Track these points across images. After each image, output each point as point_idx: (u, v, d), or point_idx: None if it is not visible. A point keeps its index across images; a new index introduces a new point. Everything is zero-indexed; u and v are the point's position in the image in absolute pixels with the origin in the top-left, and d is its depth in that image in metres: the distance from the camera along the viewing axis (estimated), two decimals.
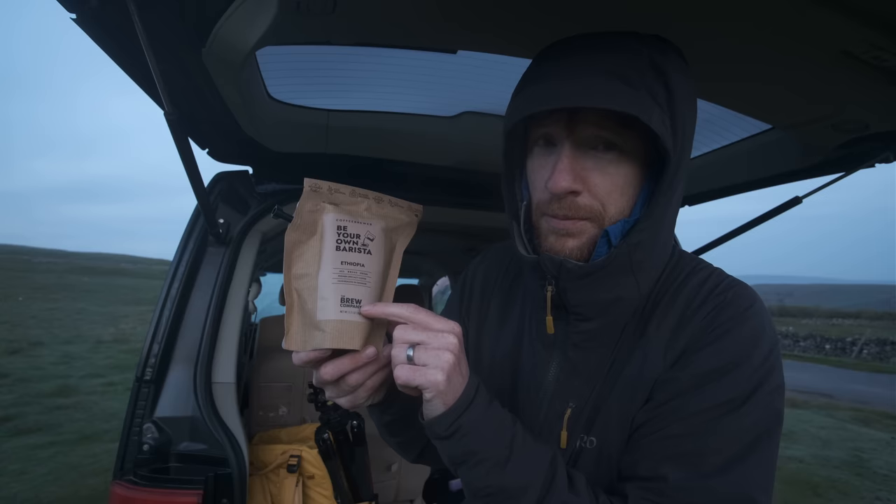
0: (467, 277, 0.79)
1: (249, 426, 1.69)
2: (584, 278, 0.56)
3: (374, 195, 0.58)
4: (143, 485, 1.02)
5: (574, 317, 0.61)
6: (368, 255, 0.55)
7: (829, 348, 17.47)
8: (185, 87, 0.89)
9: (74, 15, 0.64)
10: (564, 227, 0.56)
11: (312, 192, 0.55)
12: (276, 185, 1.35)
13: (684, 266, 0.62)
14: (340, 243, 0.54)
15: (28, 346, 8.51)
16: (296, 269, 0.54)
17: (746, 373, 0.53)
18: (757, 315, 0.56)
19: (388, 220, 0.58)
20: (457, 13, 0.68)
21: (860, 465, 4.71)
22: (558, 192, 0.54)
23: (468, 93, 1.08)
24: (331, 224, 0.54)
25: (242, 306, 1.25)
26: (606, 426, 0.59)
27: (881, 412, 7.04)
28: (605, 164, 0.55)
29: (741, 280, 0.60)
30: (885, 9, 0.55)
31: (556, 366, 0.64)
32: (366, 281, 0.54)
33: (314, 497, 1.47)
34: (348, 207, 0.56)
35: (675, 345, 0.57)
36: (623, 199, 0.56)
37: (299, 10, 0.66)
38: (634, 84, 0.50)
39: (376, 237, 0.56)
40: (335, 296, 0.52)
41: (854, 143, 0.96)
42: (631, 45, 0.54)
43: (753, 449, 0.51)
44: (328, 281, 0.52)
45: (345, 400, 0.54)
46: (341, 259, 0.53)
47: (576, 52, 0.55)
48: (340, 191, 0.56)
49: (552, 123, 0.56)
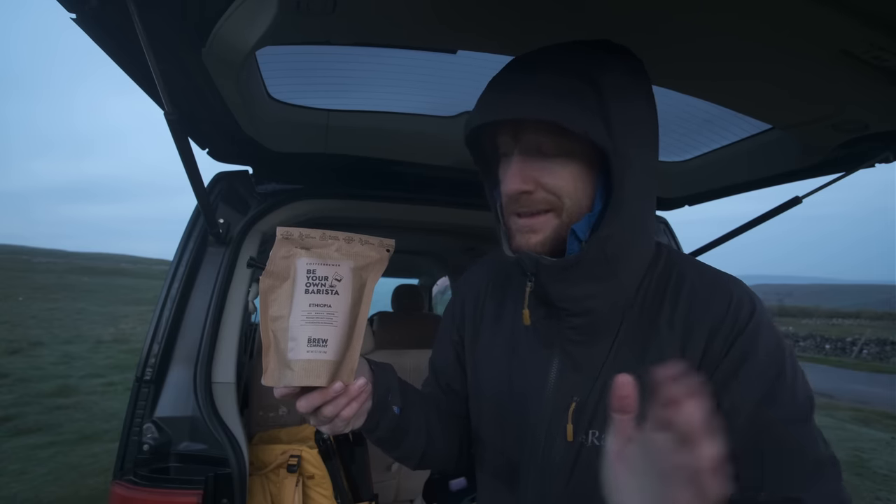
0: (459, 290, 0.83)
1: (249, 426, 1.69)
2: (560, 273, 0.60)
3: (344, 236, 0.61)
4: (143, 485, 1.02)
5: (563, 312, 0.64)
6: (336, 296, 0.59)
7: (828, 348, 17.49)
8: (185, 87, 0.89)
9: (74, 15, 0.64)
10: (527, 224, 0.62)
11: (284, 239, 0.59)
12: (276, 185, 1.35)
13: (675, 261, 0.66)
14: (309, 286, 0.58)
15: (28, 346, 8.51)
16: (271, 311, 0.58)
17: (790, 373, 0.57)
18: (761, 311, 0.60)
19: (357, 258, 0.61)
20: (456, 14, 0.68)
21: (860, 465, 4.71)
22: (511, 194, 0.60)
23: (468, 93, 1.08)
24: (301, 268, 0.59)
25: (242, 306, 1.25)
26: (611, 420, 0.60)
27: (881, 412, 7.04)
28: (551, 165, 0.60)
29: (727, 273, 0.64)
30: (885, 9, 0.55)
31: (557, 362, 0.66)
32: (332, 321, 0.58)
33: (314, 497, 1.47)
34: (319, 251, 0.60)
35: (693, 343, 0.59)
36: (577, 192, 0.60)
37: (299, 10, 0.66)
38: (562, 95, 0.56)
39: (344, 277, 0.59)
40: (303, 336, 0.57)
41: (854, 143, 0.96)
42: (566, 59, 0.59)
43: (804, 405, 0.58)
44: (297, 322, 0.57)
45: (325, 428, 0.59)
46: (309, 301, 0.58)
47: (522, 68, 0.61)
48: (311, 235, 0.60)
49: (503, 134, 0.62)
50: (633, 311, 0.63)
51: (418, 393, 0.76)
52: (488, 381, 0.73)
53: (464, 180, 1.47)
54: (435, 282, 4.45)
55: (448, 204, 1.50)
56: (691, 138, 1.20)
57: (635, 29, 0.66)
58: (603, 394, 0.62)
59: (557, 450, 0.64)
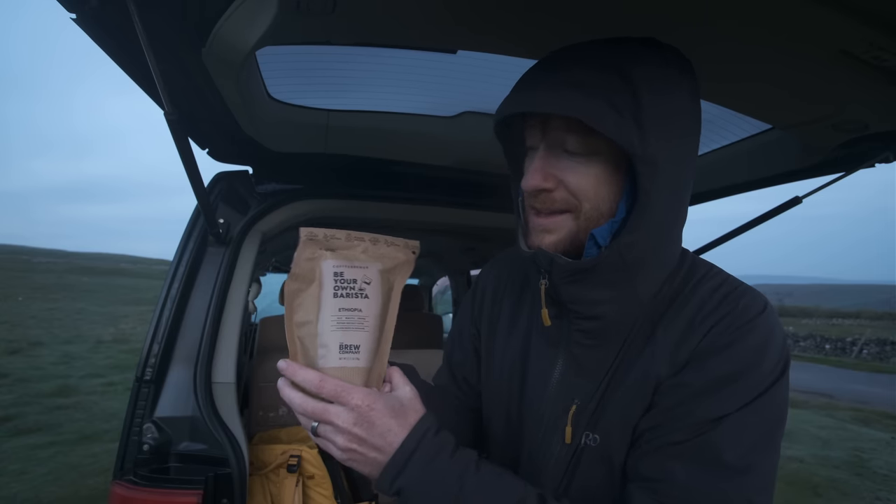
0: (479, 284, 0.82)
1: (249, 426, 1.69)
2: (574, 275, 0.59)
3: (369, 237, 0.58)
4: (143, 485, 1.02)
5: (573, 315, 0.62)
6: (366, 300, 0.56)
7: (828, 348, 17.48)
8: (185, 87, 0.89)
9: (74, 15, 0.64)
10: (542, 223, 0.61)
11: (309, 240, 0.56)
12: (276, 185, 1.35)
13: (696, 271, 0.63)
14: (338, 290, 0.55)
15: (28, 346, 8.51)
16: (297, 317, 0.55)
17: (755, 380, 0.54)
18: (767, 323, 0.56)
19: (384, 260, 0.59)
20: (456, 13, 0.68)
21: (860, 465, 4.71)
22: (530, 190, 0.59)
23: (468, 93, 1.08)
24: (328, 271, 0.56)
25: (242, 306, 1.25)
26: (609, 425, 0.60)
27: (881, 412, 7.04)
28: (575, 164, 0.58)
29: (752, 287, 0.60)
30: (885, 9, 0.55)
31: (561, 363, 0.65)
32: (363, 325, 0.56)
33: (314, 497, 1.47)
34: (345, 252, 0.57)
35: (683, 348, 0.57)
36: (598, 195, 0.58)
37: (299, 10, 0.66)
38: (591, 91, 0.53)
39: (373, 280, 0.57)
40: (335, 343, 0.54)
41: (854, 143, 0.96)
42: (599, 54, 0.56)
43: (755, 452, 0.52)
44: (327, 328, 0.54)
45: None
46: (339, 306, 0.55)
47: (552, 63, 0.59)
48: (336, 236, 0.57)
49: (531, 128, 0.61)
50: (641, 320, 0.61)
51: (433, 389, 0.76)
52: (499, 377, 0.73)
53: (464, 180, 1.47)
54: (435, 282, 4.45)
55: (448, 204, 1.50)
56: None
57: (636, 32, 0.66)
58: (604, 399, 0.61)
59: (555, 450, 0.64)
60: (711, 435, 0.53)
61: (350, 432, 0.52)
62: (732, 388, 0.54)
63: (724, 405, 0.53)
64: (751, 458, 0.52)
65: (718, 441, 0.53)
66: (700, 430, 0.53)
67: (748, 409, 0.53)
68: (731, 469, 0.52)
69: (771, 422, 0.54)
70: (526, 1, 0.63)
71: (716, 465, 0.52)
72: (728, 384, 0.54)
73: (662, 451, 0.55)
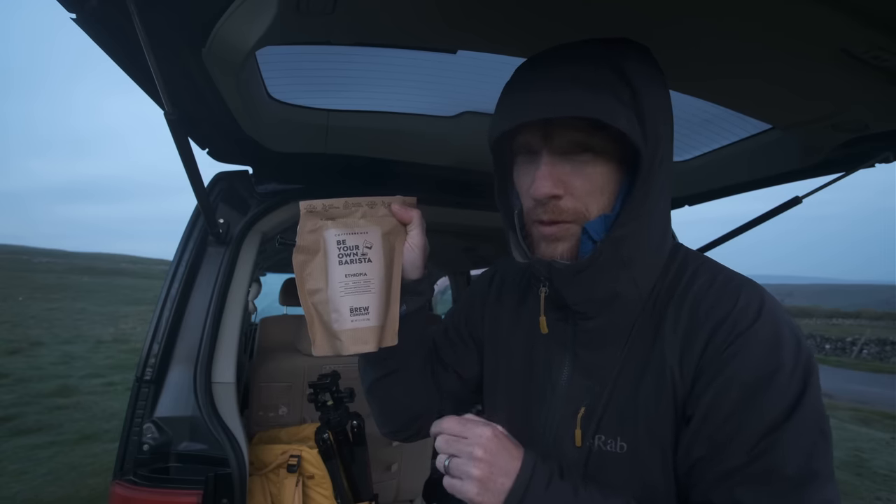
0: (495, 275, 0.81)
1: (249, 426, 1.69)
2: (575, 276, 0.58)
3: (366, 201, 0.62)
4: (143, 485, 1.02)
5: (578, 316, 0.62)
6: (369, 264, 0.60)
7: (829, 348, 17.47)
8: (185, 87, 0.89)
9: (74, 15, 0.64)
10: (552, 233, 0.59)
11: (309, 213, 0.60)
12: (276, 185, 1.35)
13: (690, 263, 0.62)
14: (342, 257, 0.60)
15: (28, 346, 8.51)
16: (308, 285, 0.60)
17: (782, 382, 0.51)
18: (771, 313, 0.55)
19: (383, 223, 0.62)
20: (457, 14, 0.68)
21: (860, 465, 4.71)
22: (540, 198, 0.57)
23: (468, 93, 1.08)
24: (331, 240, 0.60)
25: (242, 306, 1.25)
26: (632, 428, 0.59)
27: (881, 412, 7.04)
28: (582, 166, 0.57)
29: (747, 277, 0.60)
30: (885, 9, 0.55)
31: (568, 366, 0.65)
32: (370, 288, 0.60)
33: (314, 497, 1.47)
34: (344, 220, 0.61)
35: (692, 349, 0.56)
36: (603, 197, 0.58)
37: (299, 10, 0.66)
38: (598, 89, 0.53)
39: (374, 244, 0.61)
40: (345, 307, 0.59)
41: (854, 143, 0.96)
42: (594, 52, 0.56)
43: (815, 457, 0.50)
44: (337, 294, 0.59)
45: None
46: (345, 272, 0.59)
47: (546, 64, 0.58)
48: (335, 205, 0.61)
49: (529, 133, 0.58)
50: (643, 317, 0.61)
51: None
52: (504, 380, 0.73)
53: (464, 180, 1.47)
54: (435, 282, 4.45)
55: (448, 204, 1.50)
56: (691, 138, 1.20)
57: (635, 31, 0.66)
58: (611, 401, 0.60)
59: (566, 454, 0.63)
60: (767, 453, 0.51)
61: (485, 459, 0.55)
62: (763, 397, 0.51)
63: (764, 417, 0.51)
64: (813, 465, 0.50)
65: (776, 458, 0.50)
66: (752, 450, 0.51)
67: (792, 415, 0.50)
68: (797, 481, 0.50)
69: (817, 420, 0.51)
70: (526, 1, 0.63)
71: (782, 482, 0.50)
72: (756, 394, 0.52)
73: (725, 481, 0.52)
